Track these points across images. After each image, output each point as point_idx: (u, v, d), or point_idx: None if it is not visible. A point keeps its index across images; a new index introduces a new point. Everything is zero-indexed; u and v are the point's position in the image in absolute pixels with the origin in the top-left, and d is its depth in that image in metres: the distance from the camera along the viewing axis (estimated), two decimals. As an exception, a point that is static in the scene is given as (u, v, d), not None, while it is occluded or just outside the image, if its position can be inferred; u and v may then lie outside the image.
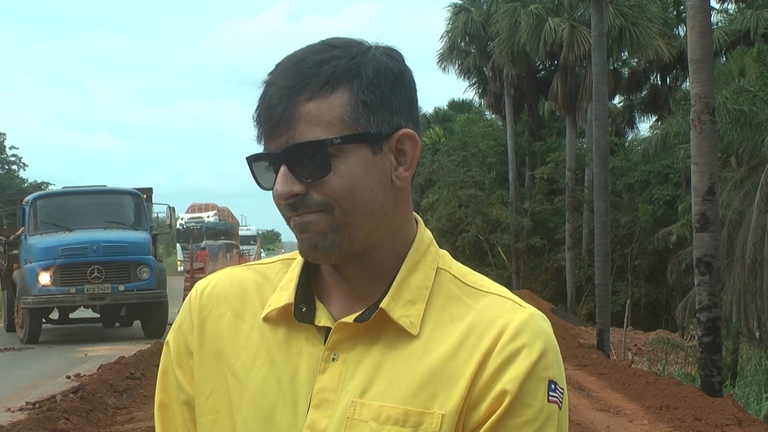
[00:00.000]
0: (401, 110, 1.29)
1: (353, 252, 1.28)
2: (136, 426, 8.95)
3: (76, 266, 17.08)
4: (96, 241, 17.30)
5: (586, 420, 9.62)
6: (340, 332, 1.29)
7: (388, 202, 1.28)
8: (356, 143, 1.25)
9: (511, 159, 35.85)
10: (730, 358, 15.79)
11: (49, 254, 17.13)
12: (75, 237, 17.44)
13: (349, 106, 1.24)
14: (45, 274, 17.00)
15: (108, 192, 19.45)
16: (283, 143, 1.25)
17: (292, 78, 1.25)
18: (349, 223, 1.26)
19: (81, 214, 18.27)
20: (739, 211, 18.66)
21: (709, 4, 13.78)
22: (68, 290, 17.05)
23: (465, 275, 1.34)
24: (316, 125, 1.24)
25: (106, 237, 17.61)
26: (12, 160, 64.90)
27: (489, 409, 1.24)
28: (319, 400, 1.28)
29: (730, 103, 17.30)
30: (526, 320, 1.28)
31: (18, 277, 17.77)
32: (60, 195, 19.50)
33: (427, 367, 1.26)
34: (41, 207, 18.23)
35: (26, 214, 18.07)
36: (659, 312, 32.63)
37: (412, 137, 1.29)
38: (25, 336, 17.43)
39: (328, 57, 1.26)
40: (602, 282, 19.51)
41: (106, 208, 18.71)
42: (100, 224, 18.09)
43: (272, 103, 1.25)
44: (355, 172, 1.25)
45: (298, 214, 1.26)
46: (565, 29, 29.82)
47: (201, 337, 1.38)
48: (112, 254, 17.27)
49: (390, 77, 1.28)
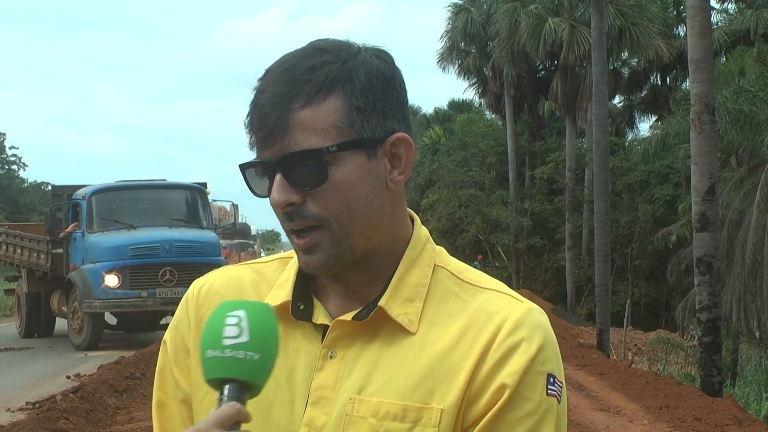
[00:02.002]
0: (394, 113, 1.28)
1: (354, 259, 1.28)
2: (136, 426, 8.95)
3: (146, 267, 15.80)
4: (168, 240, 16.03)
5: (586, 420, 9.62)
6: (337, 330, 1.29)
7: (384, 206, 1.28)
8: (351, 150, 1.24)
9: (511, 159, 35.86)
10: (730, 358, 15.78)
11: (117, 254, 15.80)
12: (145, 236, 16.13)
13: (343, 113, 1.24)
14: (112, 276, 15.68)
15: (171, 187, 17.94)
16: (278, 151, 1.24)
17: (284, 85, 1.24)
18: (348, 234, 1.26)
19: (142, 210, 17.01)
20: (739, 211, 18.66)
21: (709, 4, 13.77)
22: (139, 294, 15.75)
23: (462, 272, 1.35)
24: (311, 133, 1.23)
25: (179, 236, 16.30)
26: (12, 160, 64.92)
27: (488, 403, 1.24)
28: (317, 397, 1.28)
29: (730, 103, 17.30)
30: (525, 314, 1.28)
31: (77, 278, 16.09)
32: (119, 189, 17.56)
33: (425, 362, 1.26)
34: (100, 202, 16.72)
35: (81, 209, 16.59)
36: (659, 312, 32.64)
37: (406, 141, 1.29)
38: (84, 342, 16.16)
39: (319, 62, 1.25)
40: (602, 282, 19.51)
41: (170, 204, 17.47)
42: (163, 222, 16.80)
43: (265, 111, 1.24)
44: (350, 179, 1.24)
45: (293, 224, 1.26)
46: (565, 29, 29.83)
47: (198, 336, 1.37)
48: (186, 255, 15.92)
49: (382, 80, 1.27)
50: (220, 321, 1.16)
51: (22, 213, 56.86)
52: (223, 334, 1.15)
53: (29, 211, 59.00)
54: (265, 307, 1.19)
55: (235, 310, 1.17)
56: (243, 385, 1.14)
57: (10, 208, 57.89)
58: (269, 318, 1.18)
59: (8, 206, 58.23)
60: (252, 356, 1.14)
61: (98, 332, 16.33)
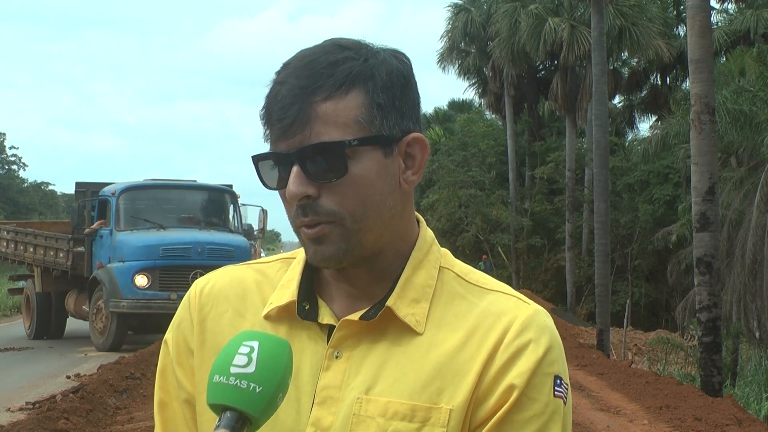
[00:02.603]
0: (410, 114, 1.29)
1: (363, 256, 1.28)
2: (136, 426, 8.94)
3: (177, 269, 15.44)
4: (200, 242, 15.67)
5: (586, 420, 9.62)
6: (344, 330, 1.29)
7: (396, 206, 1.29)
8: (371, 145, 1.24)
9: (511, 159, 35.87)
10: (730, 358, 15.78)
11: (147, 254, 15.41)
12: (177, 236, 15.82)
13: (364, 108, 1.24)
14: (141, 276, 15.32)
15: (203, 188, 17.46)
16: (297, 143, 1.23)
17: (306, 77, 1.23)
18: (360, 229, 1.25)
19: (172, 210, 16.67)
20: (739, 211, 18.65)
21: (709, 4, 13.77)
22: (168, 295, 15.29)
23: (467, 273, 1.35)
24: (332, 126, 1.23)
25: (210, 239, 15.95)
26: (12, 160, 64.87)
27: (497, 404, 1.24)
28: (323, 397, 1.28)
29: (730, 103, 17.30)
30: (532, 316, 1.28)
31: (104, 277, 15.65)
32: (150, 188, 17.14)
33: (433, 362, 1.26)
34: (130, 200, 16.37)
35: (110, 206, 16.23)
36: (659, 312, 32.64)
37: (421, 141, 1.30)
38: (106, 343, 15.72)
39: (341, 58, 1.25)
40: (602, 282, 19.50)
41: (201, 205, 17.15)
42: (192, 223, 16.50)
43: (286, 102, 1.23)
44: (368, 175, 1.24)
45: (307, 219, 1.25)
46: (565, 29, 29.83)
47: (201, 336, 1.38)
48: (217, 258, 15.25)
49: (401, 80, 1.28)
50: (234, 348, 1.15)
51: (22, 213, 56.84)
52: (233, 361, 1.14)
53: (29, 211, 58.99)
54: (281, 342, 1.18)
55: (250, 340, 1.16)
56: (241, 415, 1.13)
57: (10, 208, 57.85)
58: (282, 353, 1.16)
59: (8, 206, 58.20)
60: (255, 388, 1.12)
61: (122, 333, 15.96)
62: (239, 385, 1.13)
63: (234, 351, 1.15)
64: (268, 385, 1.13)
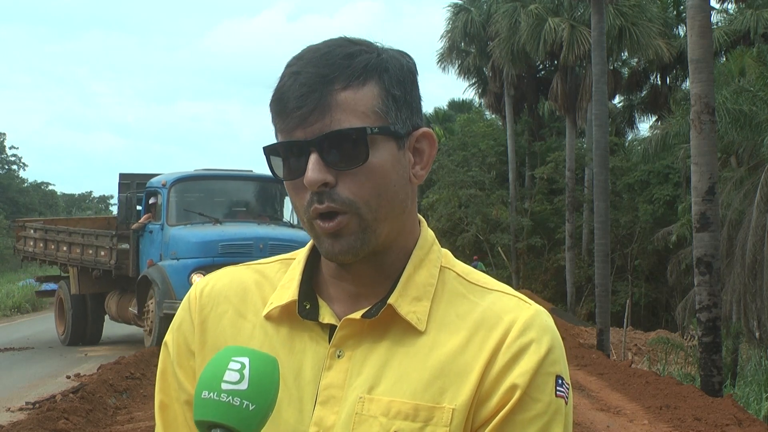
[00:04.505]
0: (418, 110, 1.31)
1: (376, 248, 1.28)
2: (136, 426, 8.94)
3: None
4: (262, 238, 14.18)
5: (586, 420, 9.62)
6: (346, 329, 1.29)
7: (407, 200, 1.30)
8: (388, 135, 1.26)
9: (511, 159, 35.88)
10: (730, 358, 15.78)
11: (205, 250, 14.00)
12: (236, 231, 14.42)
13: (381, 99, 1.25)
14: (199, 275, 13.65)
15: (259, 179, 15.73)
16: (317, 131, 1.23)
17: (324, 67, 1.24)
18: (375, 219, 1.26)
19: (225, 203, 15.47)
20: (739, 211, 18.64)
21: (709, 4, 13.76)
22: None
23: (468, 273, 1.36)
24: (351, 114, 1.23)
25: (272, 234, 14.42)
26: (12, 160, 64.86)
27: (499, 404, 1.25)
28: (326, 396, 1.28)
29: (730, 103, 17.29)
30: (533, 316, 1.29)
31: (156, 275, 14.21)
32: (204, 179, 15.67)
33: (435, 362, 1.27)
34: (184, 192, 15.08)
35: (161, 199, 14.93)
36: (659, 312, 32.64)
37: (430, 136, 1.32)
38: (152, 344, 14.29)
39: (356, 50, 1.26)
40: (602, 282, 19.50)
41: (255, 198, 15.88)
42: (250, 217, 15.22)
43: (304, 91, 1.23)
44: (385, 165, 1.25)
45: (322, 207, 1.24)
46: (565, 29, 29.83)
47: (202, 337, 1.38)
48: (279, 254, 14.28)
49: (410, 77, 1.30)
50: (223, 364, 1.12)
51: (22, 213, 56.80)
52: (223, 377, 1.11)
53: (29, 211, 58.97)
54: (270, 359, 1.15)
55: (240, 356, 1.13)
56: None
57: (10, 208, 57.87)
58: (272, 371, 1.14)
59: (8, 206, 58.21)
60: (248, 405, 1.10)
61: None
62: (232, 402, 1.10)
63: (223, 366, 1.12)
64: (262, 403, 1.11)
